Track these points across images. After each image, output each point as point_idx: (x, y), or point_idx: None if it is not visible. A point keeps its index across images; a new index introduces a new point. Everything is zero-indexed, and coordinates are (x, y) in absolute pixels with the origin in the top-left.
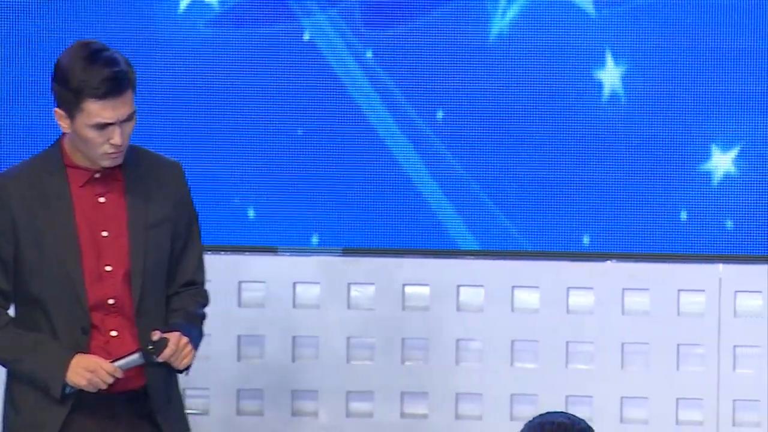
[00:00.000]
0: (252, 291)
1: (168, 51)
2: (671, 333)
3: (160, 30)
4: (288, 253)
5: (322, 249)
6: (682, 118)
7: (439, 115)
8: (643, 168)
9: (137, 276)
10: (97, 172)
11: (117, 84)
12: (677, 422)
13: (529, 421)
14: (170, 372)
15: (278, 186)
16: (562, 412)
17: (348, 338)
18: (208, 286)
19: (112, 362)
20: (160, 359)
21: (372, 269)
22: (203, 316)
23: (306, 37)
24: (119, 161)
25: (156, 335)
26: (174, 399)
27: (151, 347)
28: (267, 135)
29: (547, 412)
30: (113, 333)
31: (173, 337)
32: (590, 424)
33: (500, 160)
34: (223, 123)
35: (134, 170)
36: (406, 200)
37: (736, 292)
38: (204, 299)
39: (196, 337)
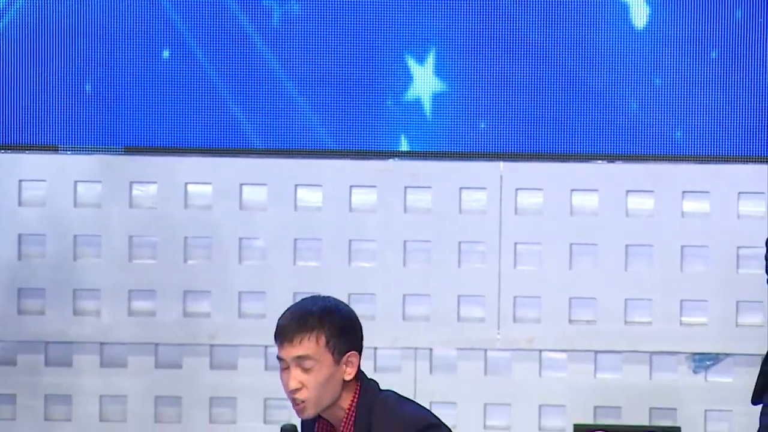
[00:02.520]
0: (32, 190)
1: None
2: (453, 230)
3: None
4: (69, 152)
5: (104, 147)
6: None
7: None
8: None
9: None
10: None
11: None
12: (459, 318)
13: None
14: None
15: (60, 84)
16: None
17: (130, 237)
18: None
19: None
20: None
21: (154, 168)
22: None
23: None
24: None
25: None
26: None
27: None
28: (51, 33)
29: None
30: None
31: None
32: (373, 321)
33: (294, 55)
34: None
35: None
36: (190, 97)
37: (517, 189)
38: None
39: None
